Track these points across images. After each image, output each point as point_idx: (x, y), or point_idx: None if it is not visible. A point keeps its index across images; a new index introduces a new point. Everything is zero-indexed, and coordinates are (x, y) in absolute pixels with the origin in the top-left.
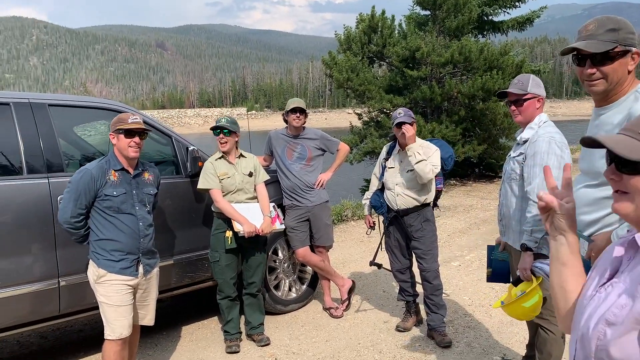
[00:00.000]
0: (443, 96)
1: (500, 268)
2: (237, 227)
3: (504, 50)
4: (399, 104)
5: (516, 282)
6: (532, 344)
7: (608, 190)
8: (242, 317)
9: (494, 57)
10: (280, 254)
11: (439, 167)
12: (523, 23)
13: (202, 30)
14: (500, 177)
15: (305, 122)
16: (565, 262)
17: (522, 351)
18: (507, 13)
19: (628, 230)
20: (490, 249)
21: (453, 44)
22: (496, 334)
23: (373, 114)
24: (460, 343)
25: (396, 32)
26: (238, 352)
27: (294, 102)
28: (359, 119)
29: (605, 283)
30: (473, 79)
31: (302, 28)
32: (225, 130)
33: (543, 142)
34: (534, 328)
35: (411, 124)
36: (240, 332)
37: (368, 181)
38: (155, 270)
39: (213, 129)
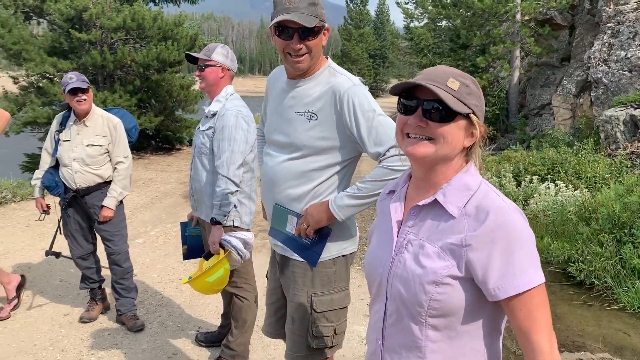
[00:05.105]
0: (116, 64)
1: (195, 244)
2: None
3: (179, 21)
4: (64, 68)
5: (207, 255)
6: (227, 313)
7: (312, 163)
8: None
9: (169, 27)
10: None
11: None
12: None
13: None
14: (178, 149)
15: None
16: None
17: (217, 321)
18: None
19: (391, 191)
20: (184, 225)
21: (125, 9)
22: (189, 308)
23: (32, 78)
24: (154, 323)
25: None
26: None
27: None
28: (15, 83)
29: (401, 244)
30: (148, 48)
31: None
32: None
33: (231, 115)
34: (228, 297)
35: (87, 91)
36: None
37: (30, 156)
38: None
39: None
